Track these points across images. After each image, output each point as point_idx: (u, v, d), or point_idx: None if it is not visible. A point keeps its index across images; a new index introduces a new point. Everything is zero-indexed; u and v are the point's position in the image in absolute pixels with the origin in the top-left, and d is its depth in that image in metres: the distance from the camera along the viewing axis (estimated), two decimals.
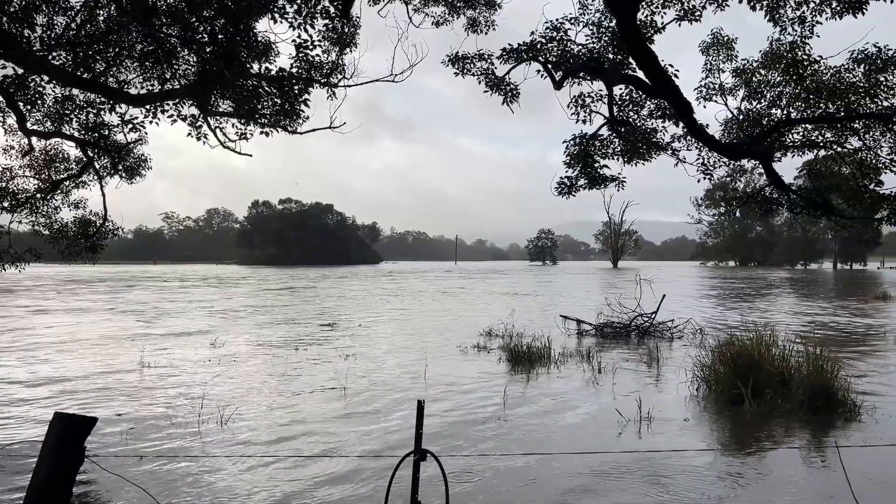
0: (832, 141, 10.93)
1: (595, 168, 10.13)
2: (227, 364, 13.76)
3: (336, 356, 14.88)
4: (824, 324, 22.58)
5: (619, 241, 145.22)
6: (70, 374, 12.67)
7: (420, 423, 4.16)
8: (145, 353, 14.84)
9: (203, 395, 10.41)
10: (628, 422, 8.90)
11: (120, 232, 14.55)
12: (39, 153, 13.47)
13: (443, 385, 11.62)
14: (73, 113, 11.59)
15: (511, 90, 10.48)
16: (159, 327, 21.33)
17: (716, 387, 10.35)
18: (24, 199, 13.20)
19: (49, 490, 3.71)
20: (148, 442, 8.00)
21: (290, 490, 6.38)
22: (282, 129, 10.62)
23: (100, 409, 9.65)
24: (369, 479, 6.64)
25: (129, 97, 9.84)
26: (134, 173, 13.40)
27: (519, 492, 6.38)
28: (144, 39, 9.32)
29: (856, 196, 10.85)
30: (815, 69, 10.21)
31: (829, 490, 6.38)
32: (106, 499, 6.09)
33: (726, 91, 11.44)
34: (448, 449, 7.53)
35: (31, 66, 9.18)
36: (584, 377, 12.45)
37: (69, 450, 3.97)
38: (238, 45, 8.78)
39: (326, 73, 10.57)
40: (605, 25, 10.18)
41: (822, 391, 9.23)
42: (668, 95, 8.88)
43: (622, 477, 6.77)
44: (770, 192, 11.35)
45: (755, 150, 10.05)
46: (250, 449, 7.75)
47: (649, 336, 18.45)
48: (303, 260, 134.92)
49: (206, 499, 6.11)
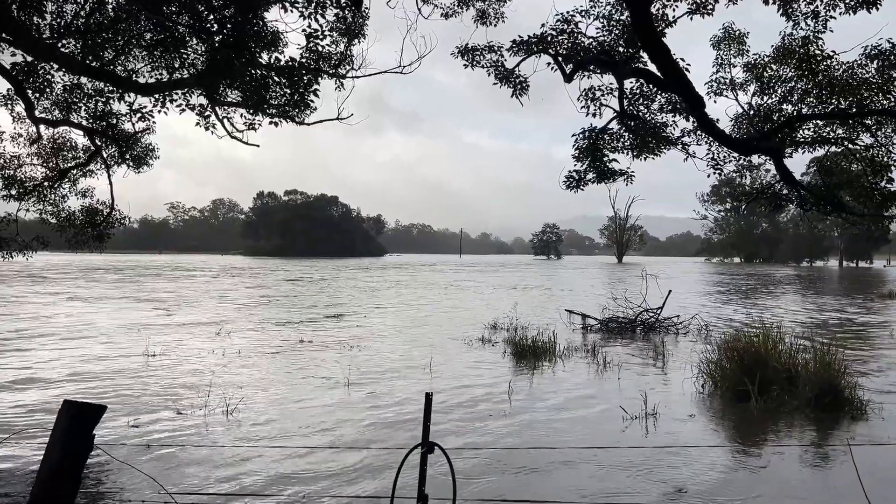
0: (843, 137, 10.85)
1: (604, 162, 10.08)
2: (245, 355, 13.78)
3: (342, 347, 14.89)
4: (830, 321, 22.51)
5: (625, 235, 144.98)
6: (92, 360, 12.72)
7: (428, 415, 4.13)
8: (165, 341, 14.88)
9: (222, 383, 10.43)
10: (634, 417, 8.88)
11: (126, 221, 14.56)
12: (47, 141, 13.47)
13: (448, 378, 11.61)
14: (82, 101, 11.57)
15: (520, 83, 10.43)
16: (183, 315, 21.39)
17: (722, 383, 10.32)
18: (31, 188, 13.22)
19: (58, 477, 3.70)
20: (153, 430, 8.02)
21: (296, 480, 6.38)
22: (290, 120, 10.58)
23: (121, 395, 9.68)
24: (376, 471, 6.64)
25: (137, 86, 9.81)
26: (141, 162, 13.41)
27: (525, 485, 6.37)
28: (153, 28, 9.29)
29: (866, 193, 10.78)
30: (827, 64, 10.13)
31: (839, 488, 6.35)
32: (115, 487, 6.11)
33: (737, 86, 11.36)
34: (455, 442, 7.53)
35: (40, 54, 9.16)
36: (589, 372, 12.43)
37: (78, 437, 3.95)
38: (247, 34, 8.75)
39: (335, 64, 10.53)
40: (615, 18, 10.12)
41: (830, 389, 9.19)
42: (680, 89, 8.82)
43: (628, 472, 6.75)
44: (780, 187, 11.29)
45: (766, 146, 9.99)
46: (257, 439, 7.75)
47: (655, 331, 18.42)
48: (307, 251, 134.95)
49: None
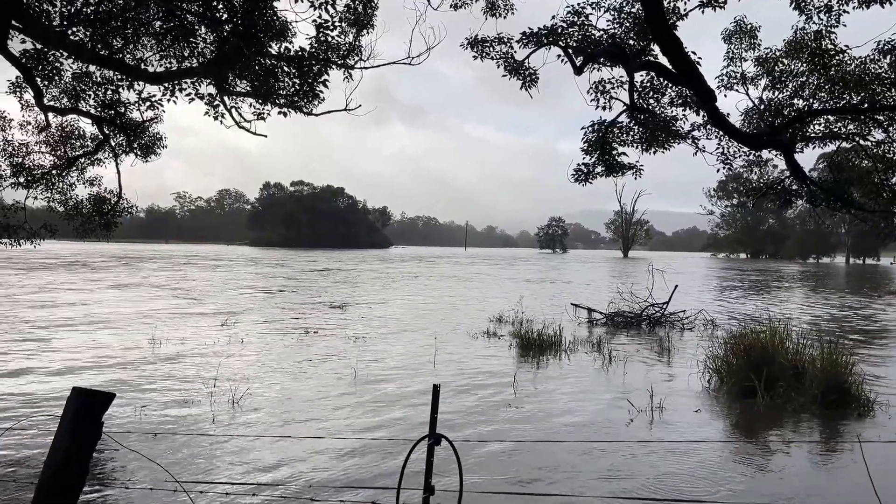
0: (854, 133, 10.78)
1: (613, 155, 10.04)
2: (261, 344, 13.82)
3: (348, 338, 14.91)
4: (837, 318, 22.43)
5: (630, 230, 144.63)
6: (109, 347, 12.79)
7: (435, 407, 4.12)
8: (178, 330, 14.93)
9: (235, 375, 10.46)
10: (640, 411, 8.86)
11: (133, 210, 14.59)
12: (55, 129, 13.48)
13: (455, 371, 11.62)
14: (90, 89, 11.57)
15: (529, 75, 10.39)
16: (208, 305, 21.47)
17: (728, 378, 10.29)
18: (39, 175, 13.23)
19: (67, 463, 3.70)
20: (157, 416, 8.06)
21: (302, 470, 6.39)
22: (298, 110, 10.57)
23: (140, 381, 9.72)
24: (383, 462, 6.65)
25: (146, 75, 9.81)
26: (149, 151, 13.41)
27: (531, 478, 6.37)
28: (163, 16, 9.27)
29: (876, 189, 10.71)
30: (840, 59, 10.05)
31: (848, 486, 6.33)
32: (123, 475, 6.13)
33: (748, 80, 11.28)
34: (461, 434, 7.53)
35: (50, 42, 9.15)
36: (595, 366, 12.42)
37: (86, 424, 3.95)
38: (256, 23, 8.72)
39: (344, 55, 10.49)
40: (626, 10, 10.06)
41: (836, 386, 9.16)
42: (691, 83, 8.76)
43: (633, 466, 6.74)
44: (790, 183, 11.23)
45: (777, 140, 9.92)
46: (263, 428, 7.77)
47: (660, 326, 18.39)
48: (313, 243, 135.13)
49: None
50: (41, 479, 3.84)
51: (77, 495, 3.87)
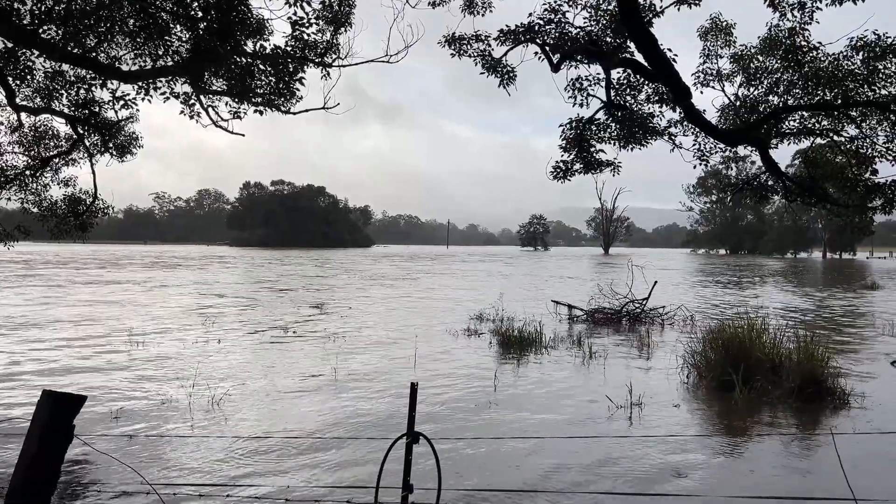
0: (829, 129, 10.91)
1: (591, 153, 10.09)
2: (237, 344, 13.72)
3: (328, 338, 14.85)
4: (814, 311, 22.72)
5: (611, 227, 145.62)
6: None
7: (413, 405, 4.11)
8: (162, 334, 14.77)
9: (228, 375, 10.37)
10: (619, 407, 8.91)
11: (110, 211, 14.42)
12: (29, 129, 13.30)
13: (434, 368, 11.61)
14: (64, 89, 11.42)
15: (507, 72, 10.40)
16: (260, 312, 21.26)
17: (706, 373, 10.38)
18: (13, 176, 13.06)
19: (37, 468, 3.65)
20: (134, 421, 7.97)
21: (280, 471, 6.35)
22: (275, 109, 10.49)
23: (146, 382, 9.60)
24: (361, 461, 6.62)
25: (120, 73, 9.69)
26: (125, 151, 13.27)
27: (510, 475, 6.38)
28: (137, 14, 9.15)
29: (850, 184, 10.84)
30: (813, 56, 10.16)
31: (821, 477, 6.41)
32: (95, 478, 6.05)
33: (724, 77, 11.38)
34: (439, 432, 7.52)
35: (22, 40, 9.01)
36: (575, 362, 12.46)
37: (57, 428, 3.90)
38: (232, 21, 8.64)
39: (321, 53, 10.44)
40: (603, 8, 10.10)
41: (812, 379, 9.27)
42: (667, 80, 8.82)
43: (613, 461, 6.78)
44: (766, 178, 11.34)
45: (752, 137, 10.02)
46: (241, 429, 7.71)
47: (640, 322, 18.50)
48: (294, 242, 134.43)
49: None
50: (12, 483, 3.78)
51: (48, 499, 3.81)
